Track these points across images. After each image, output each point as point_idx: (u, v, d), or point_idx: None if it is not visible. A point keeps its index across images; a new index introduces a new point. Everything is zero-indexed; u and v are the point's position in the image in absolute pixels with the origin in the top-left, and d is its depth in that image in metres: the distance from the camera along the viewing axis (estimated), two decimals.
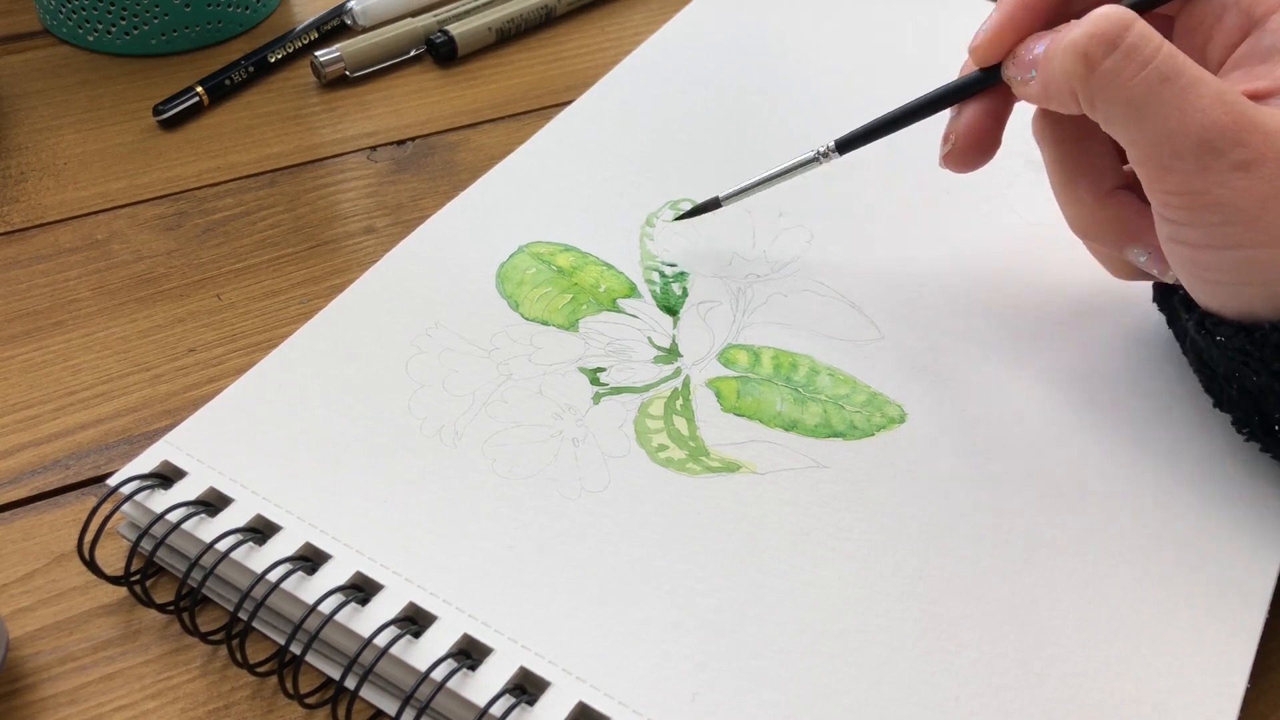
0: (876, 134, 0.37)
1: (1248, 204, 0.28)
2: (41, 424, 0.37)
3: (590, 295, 0.39)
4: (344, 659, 0.30)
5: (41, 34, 0.55)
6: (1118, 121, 0.29)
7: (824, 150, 0.37)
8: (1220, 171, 0.28)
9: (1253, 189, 0.28)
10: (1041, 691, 0.28)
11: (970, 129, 0.34)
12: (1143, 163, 0.29)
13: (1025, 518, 0.32)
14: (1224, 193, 0.28)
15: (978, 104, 0.34)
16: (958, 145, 0.35)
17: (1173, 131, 0.28)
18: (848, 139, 0.37)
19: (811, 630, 0.29)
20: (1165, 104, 0.28)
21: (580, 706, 0.28)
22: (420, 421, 0.34)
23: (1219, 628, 0.29)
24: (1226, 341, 0.31)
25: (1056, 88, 0.30)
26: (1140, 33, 0.28)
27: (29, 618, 0.32)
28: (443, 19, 0.54)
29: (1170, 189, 0.29)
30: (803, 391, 0.35)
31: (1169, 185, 0.29)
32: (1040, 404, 0.35)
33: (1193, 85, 0.28)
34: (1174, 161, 0.28)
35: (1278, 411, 0.31)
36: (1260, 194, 0.28)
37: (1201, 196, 0.28)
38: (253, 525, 0.31)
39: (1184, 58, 0.28)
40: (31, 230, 0.44)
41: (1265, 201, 0.28)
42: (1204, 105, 0.28)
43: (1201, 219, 0.29)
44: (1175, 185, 0.29)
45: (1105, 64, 0.29)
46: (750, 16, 0.53)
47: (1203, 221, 0.29)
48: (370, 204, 0.46)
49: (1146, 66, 0.28)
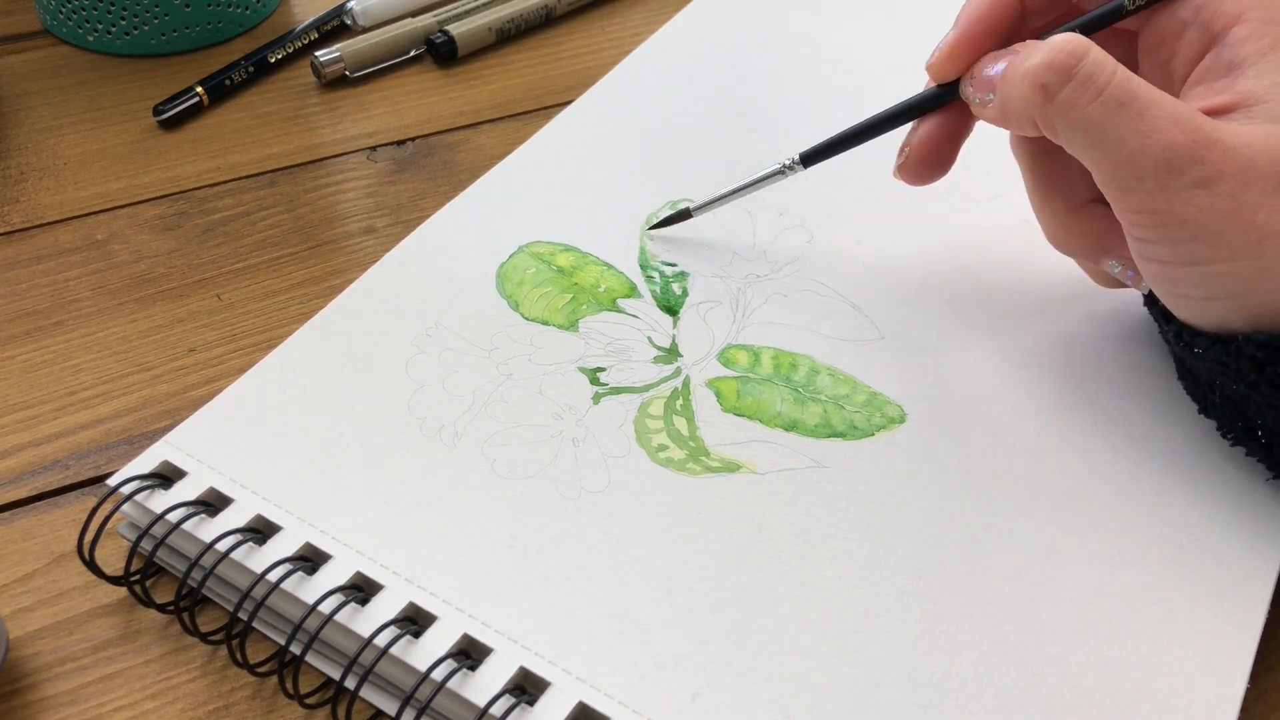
0: (838, 148, 0.37)
1: (1210, 220, 0.28)
2: (41, 424, 0.37)
3: (590, 295, 0.39)
4: (344, 659, 0.30)
5: (41, 34, 0.55)
6: (1078, 146, 0.30)
7: (789, 163, 0.38)
8: (1181, 190, 0.28)
9: (1214, 205, 0.28)
10: (1041, 691, 0.28)
11: (924, 143, 0.35)
12: (1106, 184, 0.30)
13: (1025, 518, 0.32)
14: (1186, 210, 0.28)
15: (935, 120, 0.35)
16: (911, 158, 0.35)
17: (1132, 154, 0.29)
18: (811, 153, 0.38)
19: (811, 630, 0.29)
20: (1122, 128, 0.29)
21: (580, 706, 0.28)
22: (420, 421, 0.34)
23: (1219, 628, 0.29)
24: (1203, 353, 0.31)
25: (1015, 114, 0.31)
26: (1094, 60, 0.29)
27: (29, 618, 0.32)
28: (443, 19, 0.54)
29: (1134, 208, 0.29)
30: (803, 391, 0.35)
31: (1133, 205, 0.29)
32: (1040, 404, 0.35)
33: (1148, 108, 0.28)
34: (1135, 183, 0.29)
35: (1260, 418, 0.31)
36: (1221, 210, 0.28)
37: (1165, 215, 0.29)
38: (253, 525, 0.31)
39: (1139, 81, 0.29)
40: (31, 230, 0.44)
41: (1226, 217, 0.28)
42: (1161, 127, 0.28)
43: (1167, 236, 0.29)
44: (1139, 205, 0.29)
45: (1062, 93, 0.29)
46: (750, 16, 0.53)
47: (1168, 239, 0.29)
48: (370, 204, 0.46)
49: (1101, 93, 0.29)
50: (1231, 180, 0.28)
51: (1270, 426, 0.31)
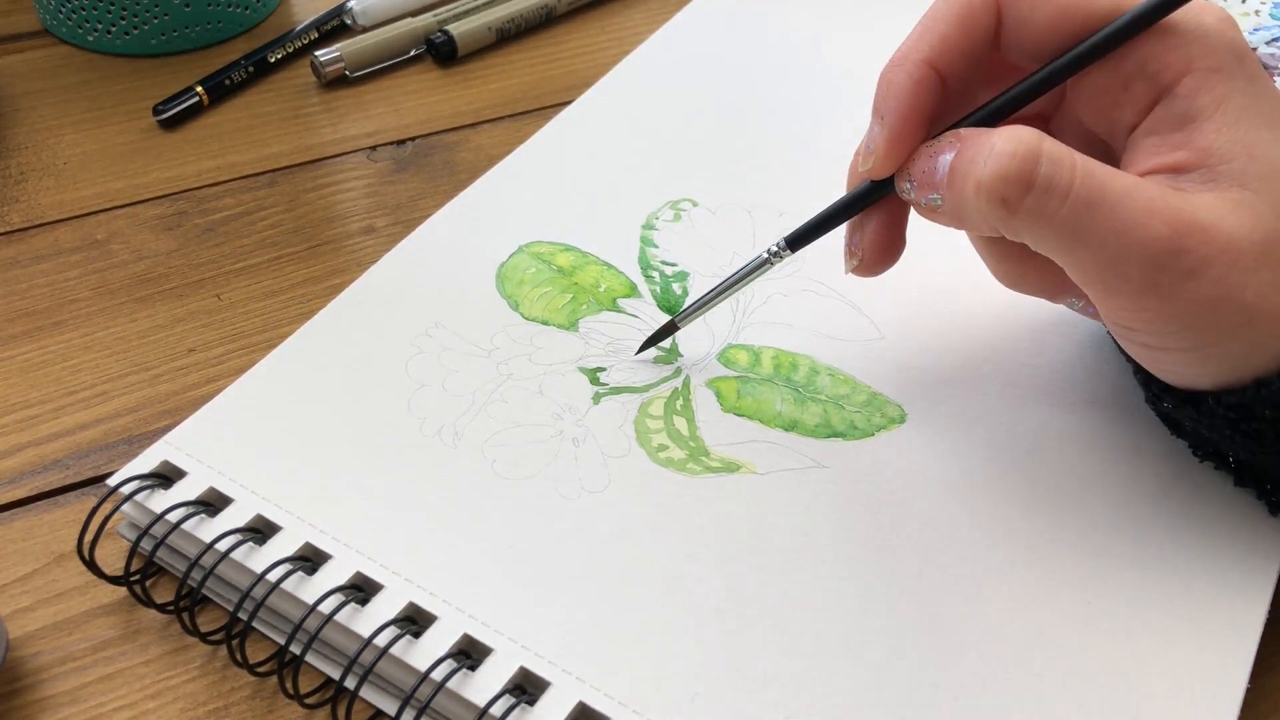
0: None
1: (1200, 309, 0.27)
2: (41, 424, 0.37)
3: (590, 295, 0.39)
4: (344, 659, 0.30)
5: (41, 34, 0.55)
6: (1053, 252, 0.28)
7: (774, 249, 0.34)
8: (1169, 285, 0.27)
9: (1204, 294, 0.27)
10: (1041, 691, 0.28)
11: (874, 244, 0.33)
12: (1087, 285, 0.29)
13: (1025, 518, 0.32)
14: (1176, 305, 0.27)
15: (877, 214, 0.33)
16: (865, 259, 0.33)
17: (1114, 257, 0.27)
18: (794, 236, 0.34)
19: (811, 630, 0.29)
20: (1099, 230, 0.27)
21: (580, 706, 0.28)
22: (420, 421, 0.34)
23: (1219, 628, 0.29)
24: (1173, 409, 0.31)
25: (975, 224, 0.29)
26: (1051, 159, 0.27)
27: (29, 618, 0.32)
28: (443, 19, 0.54)
29: (1120, 307, 0.29)
30: (803, 391, 0.35)
31: (1119, 304, 0.28)
32: (1040, 404, 0.35)
33: (1120, 201, 0.27)
34: (1121, 284, 0.28)
35: (1231, 452, 0.31)
36: (1210, 296, 0.27)
37: (1153, 311, 0.28)
38: (253, 525, 0.31)
39: (1101, 170, 0.27)
40: (31, 230, 0.44)
41: (1216, 303, 0.27)
42: (1139, 221, 0.27)
43: (1157, 329, 0.28)
44: (1125, 304, 0.28)
45: (1025, 203, 0.27)
46: (750, 16, 0.53)
47: (1158, 330, 0.28)
48: (370, 204, 0.46)
49: (1068, 197, 0.27)
50: (1217, 264, 0.27)
51: (1242, 460, 0.31)
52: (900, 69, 0.30)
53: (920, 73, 0.30)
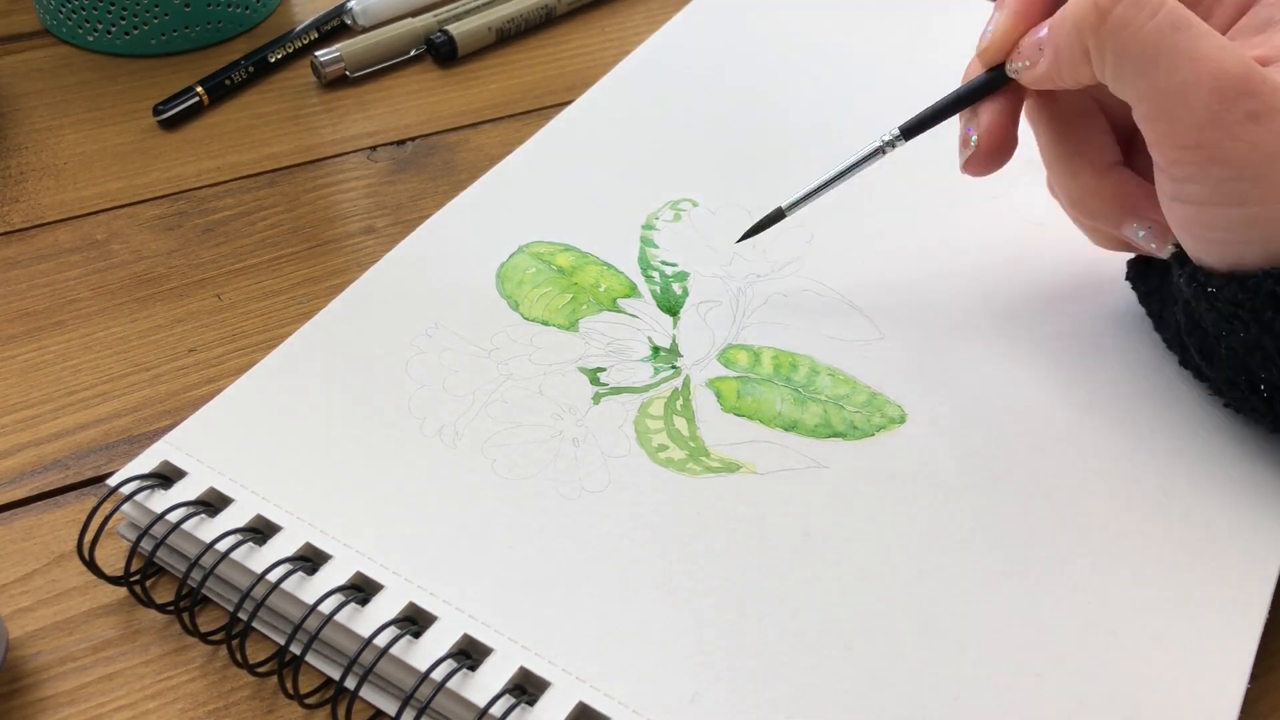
0: (935, 119, 0.36)
1: (1257, 158, 0.28)
2: (41, 424, 0.37)
3: (590, 295, 0.39)
4: (344, 659, 0.30)
5: (41, 34, 0.55)
6: (1129, 73, 0.29)
7: (889, 138, 0.36)
8: (1231, 123, 0.28)
9: (1263, 142, 0.28)
10: (1041, 691, 0.28)
11: (991, 131, 0.34)
12: (1153, 117, 0.29)
13: (1025, 518, 0.32)
14: (1234, 145, 0.28)
15: (992, 105, 0.34)
16: (981, 147, 0.34)
17: (1185, 81, 0.28)
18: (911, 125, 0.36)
19: (811, 630, 0.29)
20: (1178, 52, 0.28)
21: (580, 706, 0.28)
22: (420, 421, 0.34)
23: (1219, 627, 0.29)
24: (1218, 292, 0.31)
25: (1068, 50, 0.30)
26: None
27: (29, 618, 0.32)
28: (443, 19, 0.54)
29: (1180, 143, 0.29)
30: (803, 392, 0.35)
31: (1179, 139, 0.29)
32: (1040, 404, 0.35)
33: (1203, 35, 0.28)
34: (1185, 113, 0.29)
35: (1265, 370, 0.31)
36: (1269, 148, 0.28)
37: (1211, 150, 0.29)
38: (253, 525, 0.31)
39: (1187, 10, 0.29)
40: (31, 230, 0.44)
41: (1274, 157, 0.28)
42: (1214, 55, 0.28)
43: (1210, 174, 0.29)
44: (1185, 139, 0.29)
45: (1116, 11, 0.29)
46: (750, 16, 0.53)
47: (1211, 177, 0.29)
48: (370, 204, 0.46)
49: (1157, 13, 0.28)
50: (1279, 116, 0.28)
51: (1275, 380, 0.31)
52: None
53: None
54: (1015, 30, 0.33)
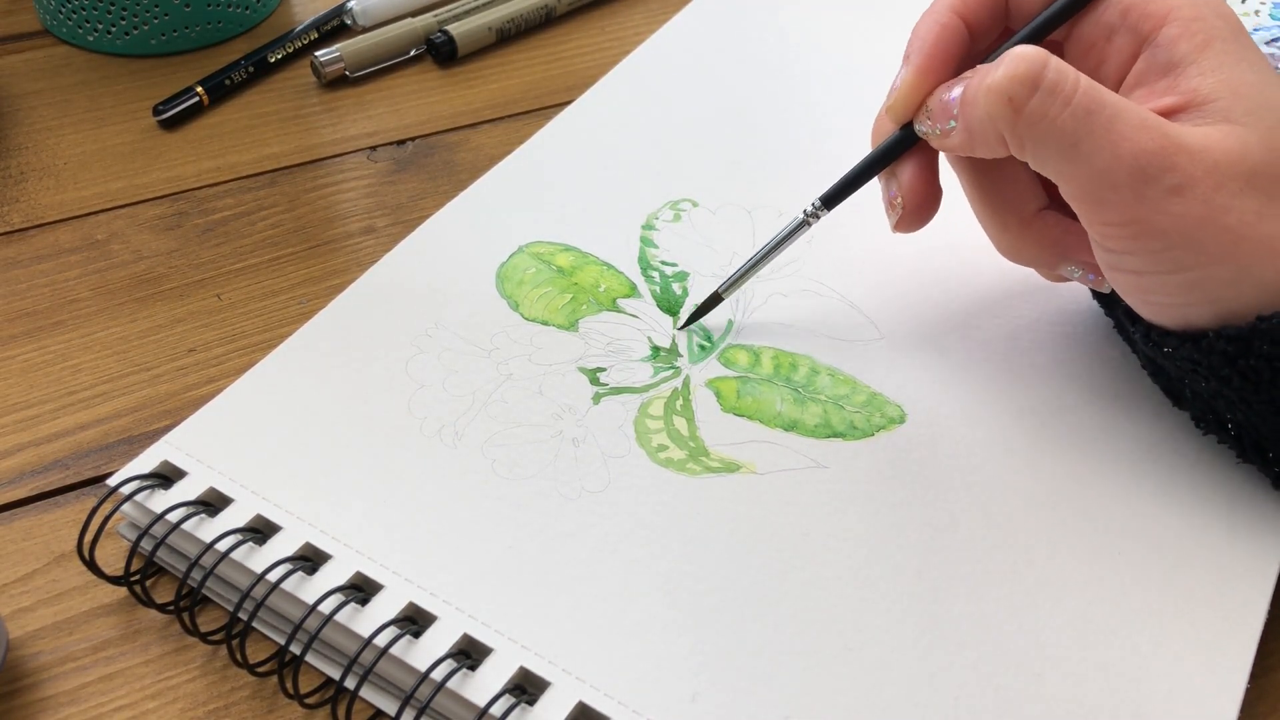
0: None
1: (1186, 227, 0.28)
2: (41, 424, 0.37)
3: (590, 295, 0.39)
4: (344, 659, 0.30)
5: (41, 34, 0.55)
6: (1050, 161, 0.29)
7: (810, 210, 0.36)
8: (1156, 199, 0.28)
9: (1189, 212, 0.28)
10: (1041, 691, 0.28)
11: (913, 188, 0.34)
12: (1079, 199, 0.29)
13: (1025, 518, 0.32)
14: (1162, 219, 0.28)
15: (910, 163, 0.34)
16: (908, 207, 0.34)
17: (1106, 165, 0.28)
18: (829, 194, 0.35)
19: (811, 630, 0.29)
20: (1095, 138, 0.28)
21: (580, 706, 0.28)
22: (420, 421, 0.34)
23: (1219, 628, 0.29)
24: (1173, 352, 0.31)
25: (982, 134, 0.30)
26: (1057, 68, 0.28)
27: (29, 618, 0.32)
28: (443, 19, 0.54)
29: (1109, 221, 0.29)
30: (803, 391, 0.35)
31: (1107, 218, 0.29)
32: (1040, 404, 0.35)
33: (1118, 115, 0.28)
34: (1110, 194, 0.28)
35: (1230, 413, 0.31)
36: (1196, 216, 0.28)
37: (1141, 225, 0.29)
38: (253, 525, 0.31)
39: (1101, 87, 0.29)
40: (31, 230, 0.44)
41: (1202, 223, 0.28)
42: (1131, 134, 0.28)
43: (1143, 247, 0.29)
44: (1114, 217, 0.29)
45: (1030, 104, 0.29)
46: (750, 16, 0.53)
47: (1144, 250, 0.29)
48: (370, 204, 0.46)
49: (1070, 102, 0.28)
50: (1202, 184, 0.28)
51: (1240, 420, 0.31)
52: (928, 16, 0.33)
53: (946, 18, 0.32)
54: (922, 87, 0.32)
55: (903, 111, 0.33)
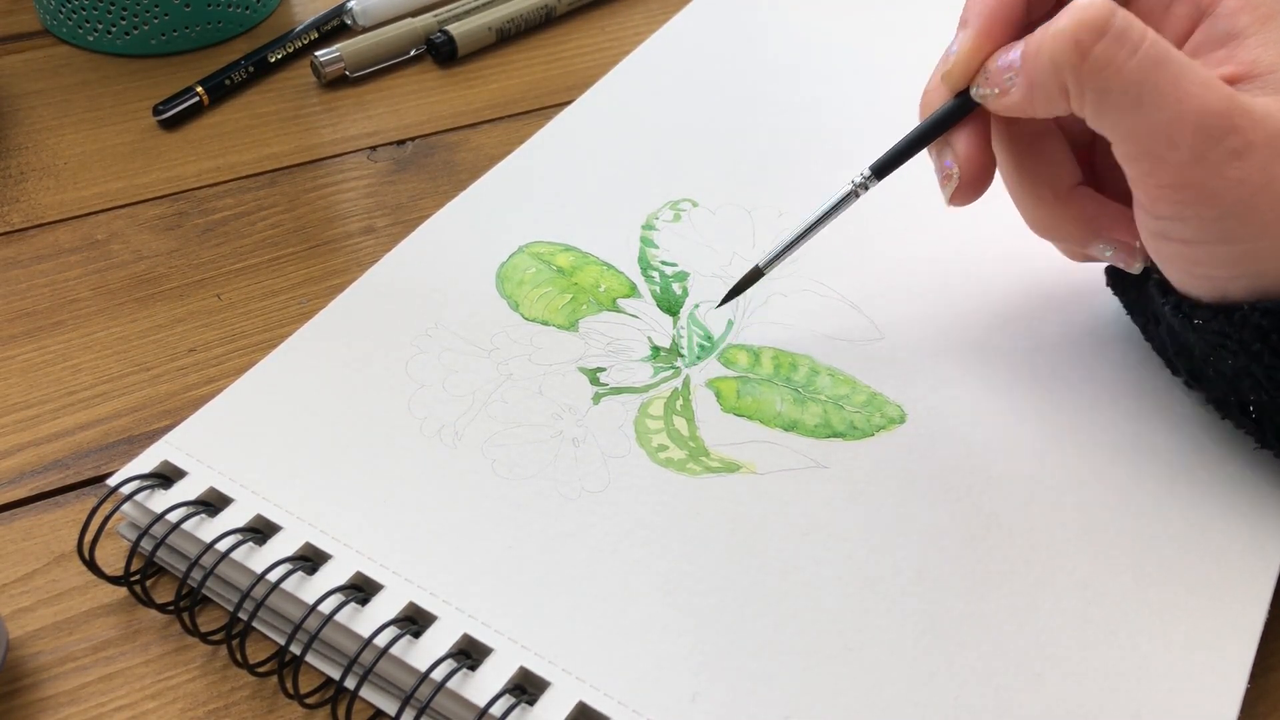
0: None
1: (1242, 194, 0.28)
2: (41, 424, 0.37)
3: (590, 295, 0.39)
4: (344, 659, 0.30)
5: (41, 34, 0.55)
6: (1111, 111, 0.29)
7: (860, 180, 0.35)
8: (1216, 161, 0.28)
9: (1247, 178, 0.27)
10: (1041, 691, 0.28)
11: (970, 158, 0.33)
12: (1135, 157, 0.29)
13: (1025, 518, 0.32)
14: (1219, 183, 0.28)
15: (966, 131, 0.33)
16: (965, 178, 0.33)
17: (1169, 120, 0.28)
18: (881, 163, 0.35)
19: (811, 630, 0.29)
20: (1160, 90, 0.27)
21: (580, 706, 0.28)
22: (420, 421, 0.34)
23: (1219, 628, 0.29)
24: (1204, 324, 0.31)
25: (1043, 85, 0.29)
26: (1125, 16, 0.28)
27: (29, 618, 0.32)
28: (443, 19, 0.54)
29: (1163, 183, 0.29)
30: (803, 392, 0.35)
31: (1162, 179, 0.28)
32: (1040, 404, 0.35)
33: (1184, 71, 0.27)
34: (1169, 152, 0.28)
35: (1254, 393, 0.31)
36: (1254, 183, 0.28)
37: (1197, 189, 0.28)
38: (253, 525, 0.31)
39: (1167, 42, 0.28)
40: (31, 230, 0.44)
41: (1259, 191, 0.28)
42: (1197, 90, 0.27)
43: (1196, 214, 0.28)
44: (1169, 179, 0.28)
45: (1097, 49, 0.28)
46: (750, 16, 0.53)
47: (1196, 216, 0.28)
48: (370, 204, 0.46)
49: (1138, 51, 0.27)
50: (1262, 151, 0.27)
51: (1263, 402, 0.31)
52: None
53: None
54: (981, 51, 0.31)
55: (960, 76, 0.32)
